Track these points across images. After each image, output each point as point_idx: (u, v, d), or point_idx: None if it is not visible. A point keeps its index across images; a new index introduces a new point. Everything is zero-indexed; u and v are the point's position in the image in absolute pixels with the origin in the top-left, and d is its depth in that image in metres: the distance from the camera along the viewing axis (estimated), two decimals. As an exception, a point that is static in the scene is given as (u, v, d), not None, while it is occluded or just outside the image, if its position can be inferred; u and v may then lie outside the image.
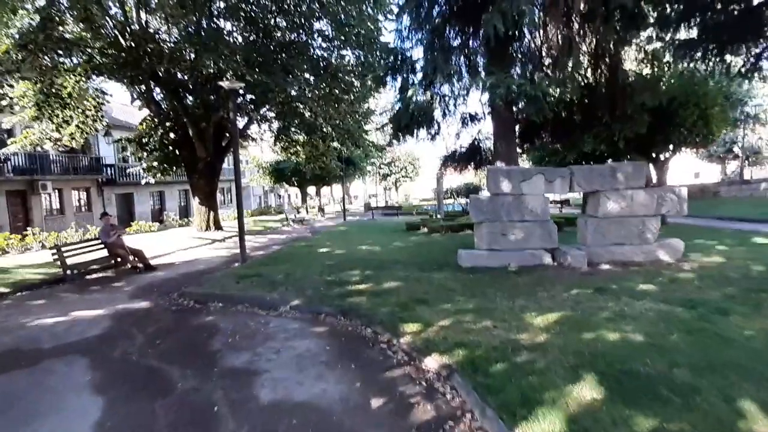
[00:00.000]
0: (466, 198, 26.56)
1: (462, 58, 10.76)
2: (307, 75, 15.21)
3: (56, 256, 8.90)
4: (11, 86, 12.06)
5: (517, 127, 11.92)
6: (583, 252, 7.98)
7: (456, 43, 10.59)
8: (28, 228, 16.49)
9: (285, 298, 6.48)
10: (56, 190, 21.97)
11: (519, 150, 13.79)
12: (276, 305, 6.29)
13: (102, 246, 10.03)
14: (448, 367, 3.71)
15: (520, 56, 10.26)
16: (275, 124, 19.47)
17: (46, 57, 11.37)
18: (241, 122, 17.51)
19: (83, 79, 13.61)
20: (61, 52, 11.55)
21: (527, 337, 4.29)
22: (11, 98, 12.56)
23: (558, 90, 9.47)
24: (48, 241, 14.02)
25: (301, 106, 15.48)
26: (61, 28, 11.29)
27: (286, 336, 5.06)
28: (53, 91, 12.77)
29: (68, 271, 8.94)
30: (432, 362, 3.90)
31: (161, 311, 6.45)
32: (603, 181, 8.13)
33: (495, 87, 8.20)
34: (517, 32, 9.41)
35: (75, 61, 12.75)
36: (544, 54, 9.89)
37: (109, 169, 25.16)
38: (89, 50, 12.67)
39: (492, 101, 9.35)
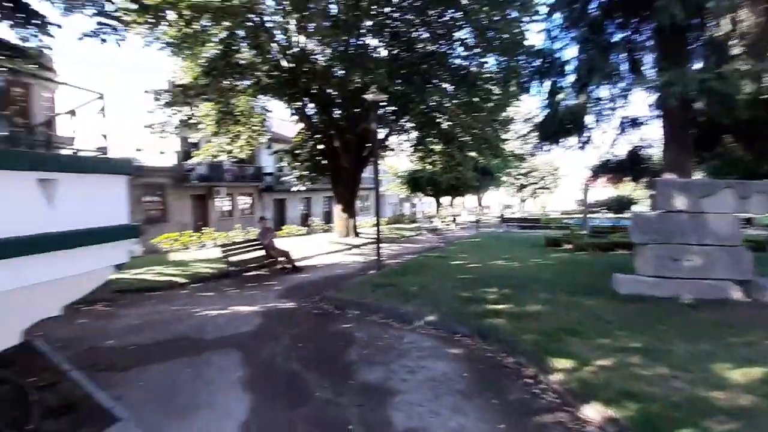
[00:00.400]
0: (616, 212, 23.57)
1: (623, 55, 9.46)
2: (446, 84, 15.11)
3: (224, 254, 10.16)
4: (196, 107, 14.44)
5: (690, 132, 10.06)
6: (793, 289, 6.26)
7: (616, 38, 9.36)
8: (205, 227, 19.49)
9: (419, 312, 6.31)
10: (228, 195, 25.62)
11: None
12: (410, 319, 6.16)
13: (259, 246, 11.19)
14: (615, 422, 3.08)
15: (699, 48, 8.57)
16: (413, 134, 19.85)
17: (225, 81, 13.31)
18: (381, 133, 18.18)
19: (252, 98, 15.59)
20: (236, 75, 13.40)
21: (723, 397, 3.37)
22: (197, 117, 15.05)
23: (753, 85, 7.67)
24: (218, 239, 16.29)
25: (440, 116, 15.42)
26: (237, 55, 13.13)
27: (419, 354, 4.85)
28: (228, 109, 14.93)
29: (231, 268, 10.13)
30: (593, 412, 3.28)
31: (304, 314, 6.82)
32: (826, 199, 6.29)
33: (670, 84, 6.94)
34: (694, 21, 7.95)
35: (246, 83, 14.66)
36: (731, 43, 8.11)
37: (268, 177, 28.49)
38: (257, 73, 14.42)
39: (664, 101, 7.99)
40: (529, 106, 42.08)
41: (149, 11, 11.18)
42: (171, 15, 12.11)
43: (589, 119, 10.28)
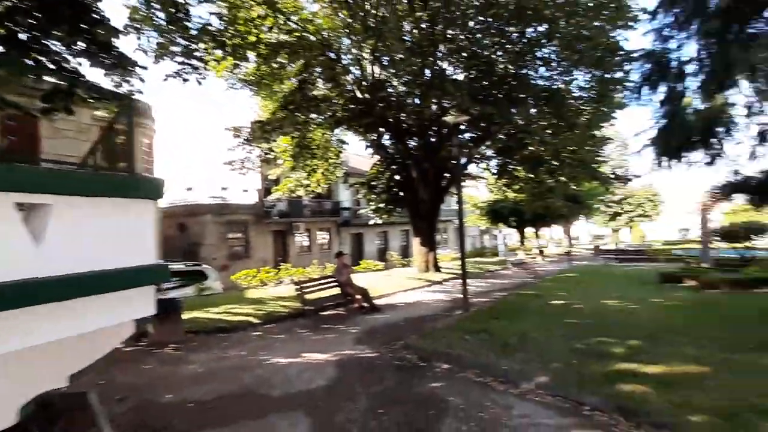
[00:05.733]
0: (743, 240, 20.18)
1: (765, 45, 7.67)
2: (531, 102, 13.86)
3: (298, 292, 9.56)
4: (274, 141, 14.54)
5: None
6: None
7: (759, 25, 7.65)
8: (285, 263, 19.50)
9: (526, 371, 5.03)
10: (306, 231, 25.83)
11: None
12: (515, 379, 4.89)
13: (336, 284, 10.50)
14: None
15: None
16: (494, 162, 18.67)
17: (301, 114, 13.26)
18: (460, 162, 17.20)
19: (327, 131, 15.49)
20: (312, 109, 13.31)
21: None
22: (275, 152, 15.18)
23: None
24: (295, 276, 16.00)
25: (527, 138, 14.09)
26: (312, 88, 13.09)
27: (541, 438, 3.60)
28: (305, 143, 14.90)
29: (306, 307, 9.48)
30: None
31: (384, 365, 5.80)
32: None
33: None
34: None
35: (322, 117, 14.56)
36: None
37: (345, 212, 28.50)
38: (333, 106, 14.26)
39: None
40: (623, 124, 38.79)
41: (235, 53, 11.44)
42: (251, 55, 12.39)
43: (721, 128, 8.47)
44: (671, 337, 6.18)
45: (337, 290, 10.39)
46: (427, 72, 13.47)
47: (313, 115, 14.20)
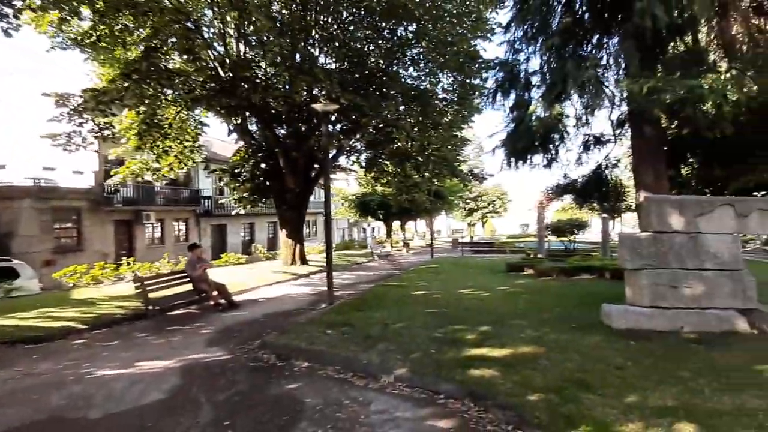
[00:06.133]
0: (569, 234, 23.64)
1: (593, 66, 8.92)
2: (400, 99, 14.25)
3: (139, 289, 8.30)
4: (114, 115, 12.39)
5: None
6: (804, 318, 5.57)
7: (588, 48, 8.83)
8: (130, 257, 17.04)
9: (386, 363, 4.97)
10: (158, 221, 23.03)
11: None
12: (375, 372, 4.80)
13: (188, 279, 9.42)
14: None
15: (676, 57, 8.15)
16: (364, 155, 18.82)
17: (148, 86, 11.50)
18: (330, 153, 16.98)
19: (184, 110, 13.84)
20: (163, 82, 11.64)
21: None
22: (114, 127, 12.96)
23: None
24: (141, 271, 14.06)
25: (396, 133, 14.44)
26: (163, 57, 11.48)
27: (397, 433, 3.50)
28: (155, 121, 13.05)
29: (150, 306, 8.29)
30: None
31: (237, 369, 5.23)
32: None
33: (657, 92, 6.28)
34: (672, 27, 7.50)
35: (176, 92, 12.90)
36: (713, 51, 7.78)
37: (206, 201, 26.19)
38: (190, 83, 12.75)
39: (641, 113, 7.40)
40: (480, 128, 42.87)
41: (61, 5, 9.42)
42: (85, 11, 10.40)
43: (556, 135, 9.65)
44: (514, 321, 6.77)
45: (189, 287, 9.35)
46: (298, 56, 12.90)
47: (167, 90, 12.49)
